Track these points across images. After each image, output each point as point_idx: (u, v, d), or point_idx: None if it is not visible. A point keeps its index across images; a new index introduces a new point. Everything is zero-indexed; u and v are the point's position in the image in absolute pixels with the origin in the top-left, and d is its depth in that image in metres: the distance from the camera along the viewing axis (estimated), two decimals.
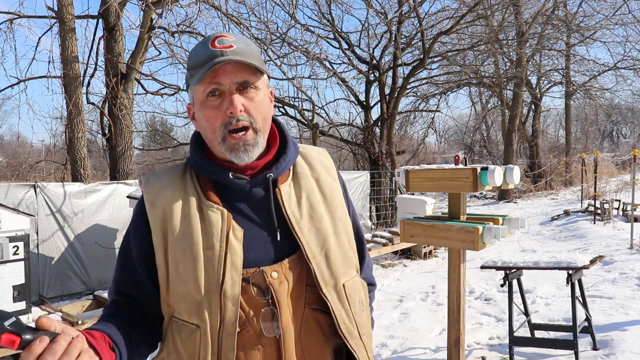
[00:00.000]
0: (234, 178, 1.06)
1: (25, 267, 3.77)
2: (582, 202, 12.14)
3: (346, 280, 1.10)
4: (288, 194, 1.09)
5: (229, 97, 1.02)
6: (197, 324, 0.99)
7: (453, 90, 15.15)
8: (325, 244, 1.07)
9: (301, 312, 1.05)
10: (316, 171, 1.16)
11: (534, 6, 15.77)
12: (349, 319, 1.08)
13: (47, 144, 17.72)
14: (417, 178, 3.03)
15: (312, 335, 1.06)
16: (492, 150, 23.07)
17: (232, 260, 1.00)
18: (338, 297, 1.07)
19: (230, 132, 1.02)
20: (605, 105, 22.14)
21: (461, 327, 2.96)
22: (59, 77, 6.68)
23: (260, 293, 1.02)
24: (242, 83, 1.03)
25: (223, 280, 0.99)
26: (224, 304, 0.98)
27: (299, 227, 1.06)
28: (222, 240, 1.01)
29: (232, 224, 1.03)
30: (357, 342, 1.09)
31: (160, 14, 7.00)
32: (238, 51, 1.02)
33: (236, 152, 1.03)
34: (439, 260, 7.40)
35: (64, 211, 5.32)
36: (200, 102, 1.04)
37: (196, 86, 1.04)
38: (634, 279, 5.44)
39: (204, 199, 1.06)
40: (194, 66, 1.04)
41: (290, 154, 1.13)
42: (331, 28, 11.46)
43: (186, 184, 1.09)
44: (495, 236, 2.64)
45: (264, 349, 1.01)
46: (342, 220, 1.14)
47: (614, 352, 3.57)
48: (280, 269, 1.04)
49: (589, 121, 27.83)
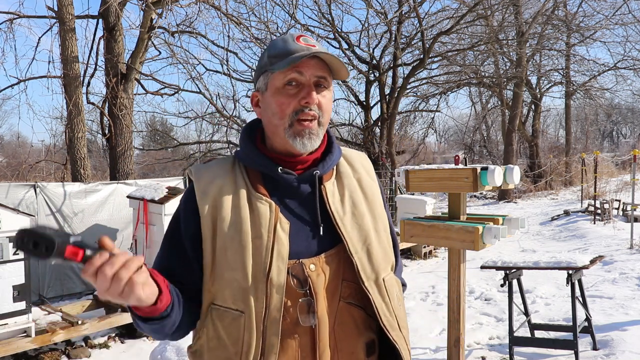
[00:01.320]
0: (282, 173, 1.10)
1: (25, 267, 3.77)
2: (582, 202, 12.14)
3: (385, 275, 1.14)
4: (332, 191, 1.14)
5: (307, 88, 1.08)
6: (242, 309, 1.03)
7: (453, 90, 15.16)
8: (367, 240, 1.12)
9: (336, 305, 1.09)
10: (358, 172, 1.21)
11: (534, 6, 15.77)
12: (389, 312, 1.12)
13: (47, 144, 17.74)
14: (417, 178, 3.03)
15: (346, 327, 1.09)
16: (492, 150, 23.06)
17: (278, 250, 1.04)
18: (379, 291, 1.11)
19: (298, 120, 1.08)
20: (605, 105, 22.13)
21: (461, 327, 2.96)
22: (59, 77, 6.68)
23: (299, 284, 1.06)
24: (320, 79, 1.09)
25: (270, 268, 1.03)
26: (270, 291, 1.02)
27: (342, 223, 1.10)
28: (269, 231, 1.05)
29: (280, 216, 1.07)
30: (398, 334, 1.13)
31: (160, 14, 7.00)
32: (322, 51, 1.08)
33: (301, 139, 1.08)
34: (439, 260, 7.40)
35: (64, 211, 5.32)
36: (276, 89, 1.09)
37: (276, 73, 1.09)
38: (634, 279, 5.44)
39: (253, 191, 1.10)
40: (277, 54, 1.09)
41: (336, 153, 1.18)
42: (331, 28, 11.46)
43: (236, 175, 1.13)
44: (495, 236, 2.64)
45: (300, 337, 1.05)
46: (382, 219, 1.19)
47: (614, 352, 3.57)
48: (318, 262, 1.08)
49: (589, 121, 27.82)
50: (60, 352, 4.06)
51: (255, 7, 11.14)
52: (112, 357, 4.12)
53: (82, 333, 4.11)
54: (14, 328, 3.72)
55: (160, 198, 4.67)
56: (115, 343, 4.36)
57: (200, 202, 1.09)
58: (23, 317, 3.76)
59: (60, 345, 4.14)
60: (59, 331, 3.92)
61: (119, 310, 4.45)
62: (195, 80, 8.73)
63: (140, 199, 4.83)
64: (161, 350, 3.20)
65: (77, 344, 4.22)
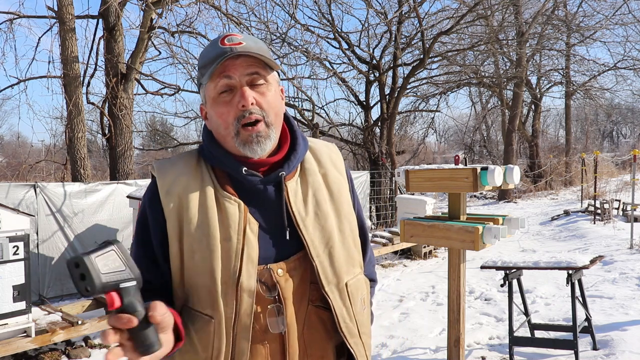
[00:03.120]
0: (246, 174, 1.05)
1: (25, 267, 3.77)
2: (582, 202, 12.14)
3: (349, 279, 1.10)
4: (295, 190, 1.09)
5: (240, 90, 1.02)
6: (211, 315, 1.00)
7: (453, 90, 15.15)
8: (330, 242, 1.08)
9: (305, 309, 1.06)
10: (324, 167, 1.16)
11: (534, 6, 15.77)
12: (349, 318, 1.08)
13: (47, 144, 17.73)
14: (417, 178, 3.03)
15: (315, 331, 1.07)
16: (492, 150, 23.06)
17: (248, 254, 1.01)
18: (340, 296, 1.07)
19: (243, 126, 1.03)
20: (605, 105, 22.12)
21: (461, 327, 2.97)
22: (59, 77, 6.68)
23: (267, 290, 1.03)
24: (252, 76, 1.04)
25: (240, 273, 0.99)
26: (240, 297, 0.99)
27: (304, 225, 1.06)
28: (239, 233, 1.01)
29: (249, 217, 1.03)
30: (357, 341, 1.10)
31: (160, 14, 7.00)
32: (247, 47, 1.03)
33: (250, 145, 1.03)
34: (439, 260, 7.40)
35: (64, 211, 5.32)
36: (212, 100, 1.05)
37: (207, 84, 1.05)
38: (634, 279, 5.44)
39: (221, 190, 1.05)
40: (204, 64, 1.05)
41: (300, 150, 1.12)
42: (331, 28, 11.46)
43: (202, 172, 1.08)
44: (495, 236, 2.64)
45: (269, 344, 1.03)
46: (347, 218, 1.14)
47: (614, 352, 3.56)
48: (286, 267, 1.05)
49: (589, 121, 27.83)
50: (60, 352, 4.06)
51: (255, 7, 11.15)
52: None
53: (82, 333, 4.11)
54: (14, 328, 3.72)
55: None
56: None
57: (164, 201, 1.04)
58: (23, 317, 3.76)
59: (60, 345, 4.14)
60: (59, 331, 3.92)
61: None
62: (195, 80, 8.73)
63: (140, 199, 4.82)
64: None
65: (77, 344, 4.22)
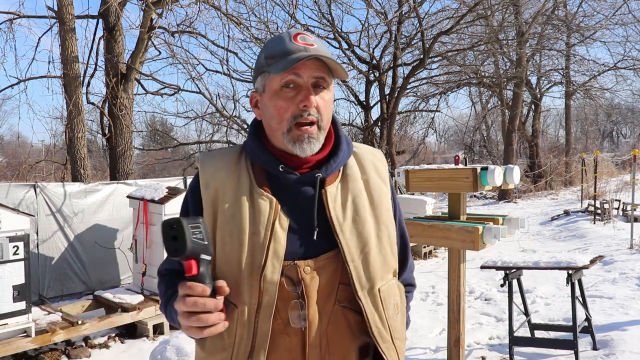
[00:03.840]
0: (284, 172, 1.09)
1: (25, 267, 3.77)
2: (582, 202, 12.13)
3: (382, 285, 1.11)
4: (334, 195, 1.11)
5: (305, 91, 1.06)
6: (235, 303, 1.04)
7: (453, 90, 15.16)
8: (366, 248, 1.09)
9: (330, 308, 1.08)
10: (366, 173, 1.17)
11: (534, 6, 15.76)
12: (381, 323, 1.10)
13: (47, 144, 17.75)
14: (417, 178, 3.03)
15: (339, 330, 1.09)
16: (492, 150, 23.05)
17: (275, 248, 1.04)
18: (372, 301, 1.09)
19: (297, 125, 1.06)
20: (605, 105, 22.11)
21: (461, 327, 2.97)
22: (59, 77, 6.68)
23: (292, 286, 1.06)
24: (318, 80, 1.07)
25: (264, 265, 1.03)
26: (263, 288, 1.03)
27: (341, 229, 1.08)
28: (267, 228, 1.05)
29: (280, 213, 1.07)
30: (389, 346, 1.11)
31: (160, 14, 7.01)
32: (320, 51, 1.06)
33: (300, 144, 1.07)
34: (439, 260, 7.39)
35: (64, 211, 5.32)
36: (274, 92, 1.08)
37: (273, 75, 1.06)
38: (634, 279, 5.44)
39: (256, 186, 1.09)
40: (274, 55, 1.07)
41: (342, 155, 1.14)
42: (331, 28, 11.46)
43: (240, 168, 1.12)
44: (495, 236, 2.64)
45: (290, 338, 1.06)
46: (386, 225, 1.15)
47: (614, 352, 3.57)
48: (313, 265, 1.07)
49: (589, 121, 27.82)
50: (60, 352, 4.06)
51: (255, 7, 11.14)
52: (112, 357, 4.12)
53: (82, 333, 4.11)
54: (14, 328, 3.72)
55: (160, 198, 4.67)
56: (115, 343, 4.36)
57: (203, 192, 1.10)
58: (23, 317, 3.76)
59: (60, 345, 4.14)
60: (59, 331, 3.92)
61: (119, 310, 4.45)
62: (195, 80, 8.73)
63: (140, 199, 4.83)
64: (161, 350, 3.20)
65: (77, 344, 4.22)
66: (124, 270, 5.63)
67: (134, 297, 4.61)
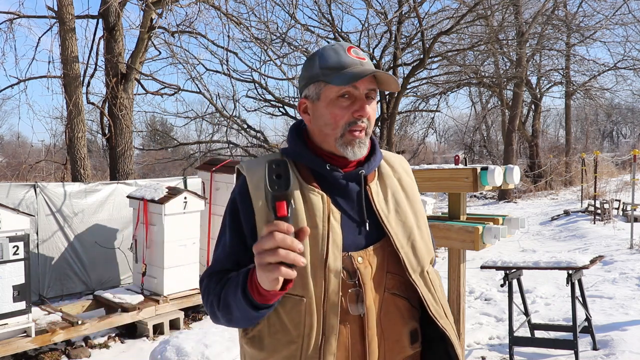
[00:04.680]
0: (330, 170, 1.17)
1: (25, 267, 3.77)
2: (582, 202, 12.13)
3: (428, 268, 1.23)
4: (376, 191, 1.21)
5: (361, 102, 1.15)
6: (302, 295, 1.09)
7: (453, 90, 15.14)
8: (412, 236, 1.20)
9: (381, 295, 1.16)
10: (398, 172, 1.29)
11: (534, 6, 15.76)
12: (435, 302, 1.20)
13: (47, 144, 17.75)
14: (417, 178, 3.00)
15: (391, 317, 1.17)
16: (492, 150, 23.04)
17: (333, 239, 1.11)
18: (424, 283, 1.20)
19: (350, 131, 1.15)
20: (605, 105, 22.10)
21: (461, 327, 2.97)
22: (59, 77, 6.68)
23: (348, 275, 1.13)
24: (370, 92, 1.17)
25: (327, 255, 1.10)
26: (328, 277, 1.09)
27: (388, 220, 1.18)
28: (324, 221, 1.12)
29: (332, 207, 1.14)
30: (445, 322, 1.20)
31: (160, 14, 7.01)
32: (370, 64, 1.17)
33: (352, 147, 1.15)
34: (439, 260, 7.39)
35: (64, 211, 5.32)
36: (330, 100, 1.15)
37: (330, 85, 1.14)
38: (634, 279, 5.44)
39: (305, 184, 1.16)
40: (332, 67, 1.15)
41: (379, 155, 1.26)
42: (331, 28, 11.46)
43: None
44: (495, 236, 2.64)
45: (350, 325, 1.12)
46: (422, 216, 1.28)
47: (614, 352, 3.57)
48: (365, 255, 1.15)
49: (589, 121, 27.81)
50: (60, 352, 4.06)
51: (255, 7, 11.14)
52: (112, 357, 4.12)
53: (82, 333, 4.12)
54: (14, 328, 3.72)
55: (160, 198, 4.67)
56: (115, 343, 4.36)
57: (254, 196, 1.14)
58: (23, 317, 3.76)
59: (60, 345, 4.15)
60: (59, 331, 3.92)
61: (119, 310, 4.45)
62: (195, 80, 8.73)
63: (140, 199, 4.83)
64: (161, 350, 3.20)
65: (77, 344, 4.22)
66: (124, 270, 5.63)
67: (134, 297, 4.62)
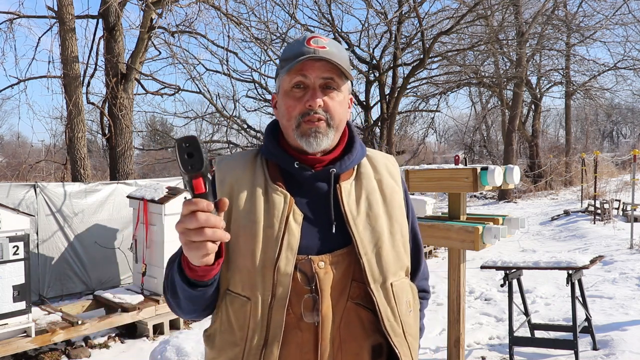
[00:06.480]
0: (299, 168, 1.13)
1: (25, 267, 3.77)
2: (582, 202, 12.13)
3: (394, 280, 1.13)
4: (348, 191, 1.15)
5: (311, 91, 1.11)
6: (249, 296, 1.05)
7: (453, 90, 15.15)
8: (379, 242, 1.11)
9: (343, 304, 1.09)
10: (379, 173, 1.21)
11: (534, 6, 15.76)
12: (394, 317, 1.11)
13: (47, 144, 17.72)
14: (417, 178, 3.03)
15: (352, 328, 1.09)
16: (492, 150, 23.04)
17: (288, 241, 1.06)
18: (385, 295, 1.10)
19: (305, 121, 1.11)
20: (605, 105, 22.11)
21: (461, 327, 2.97)
22: (59, 77, 6.68)
23: (306, 280, 1.06)
24: (326, 81, 1.12)
25: (278, 258, 1.05)
26: (277, 280, 1.04)
27: (355, 223, 1.10)
28: (281, 222, 1.07)
29: (294, 207, 1.10)
30: (401, 341, 1.11)
31: (160, 14, 7.00)
32: (329, 52, 1.10)
33: (307, 138, 1.10)
34: (439, 260, 7.39)
35: (64, 211, 5.32)
36: (284, 91, 1.14)
37: (284, 76, 1.13)
38: (634, 279, 5.44)
39: (270, 182, 1.13)
40: (286, 58, 1.13)
41: (356, 154, 1.19)
42: (331, 28, 11.46)
43: (256, 166, 1.17)
44: (495, 236, 2.64)
45: (302, 333, 1.06)
46: (399, 222, 1.18)
47: (614, 352, 3.57)
48: (327, 260, 1.08)
49: (589, 121, 27.81)
50: (60, 352, 4.06)
51: (255, 7, 11.13)
52: (112, 357, 4.12)
53: (82, 333, 4.12)
54: (14, 328, 3.72)
55: (160, 198, 4.67)
56: (115, 343, 4.36)
57: (218, 189, 1.13)
58: (23, 317, 3.76)
59: (60, 345, 4.14)
60: (59, 331, 3.92)
61: (119, 310, 4.45)
62: (195, 80, 8.75)
63: (140, 199, 4.83)
64: (161, 350, 3.20)
65: (77, 344, 4.22)
66: (124, 270, 5.63)
67: (134, 297, 4.62)
